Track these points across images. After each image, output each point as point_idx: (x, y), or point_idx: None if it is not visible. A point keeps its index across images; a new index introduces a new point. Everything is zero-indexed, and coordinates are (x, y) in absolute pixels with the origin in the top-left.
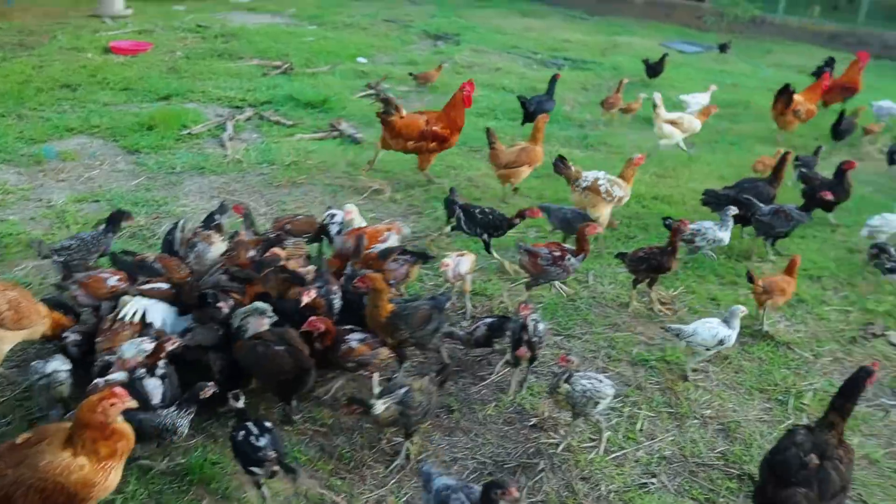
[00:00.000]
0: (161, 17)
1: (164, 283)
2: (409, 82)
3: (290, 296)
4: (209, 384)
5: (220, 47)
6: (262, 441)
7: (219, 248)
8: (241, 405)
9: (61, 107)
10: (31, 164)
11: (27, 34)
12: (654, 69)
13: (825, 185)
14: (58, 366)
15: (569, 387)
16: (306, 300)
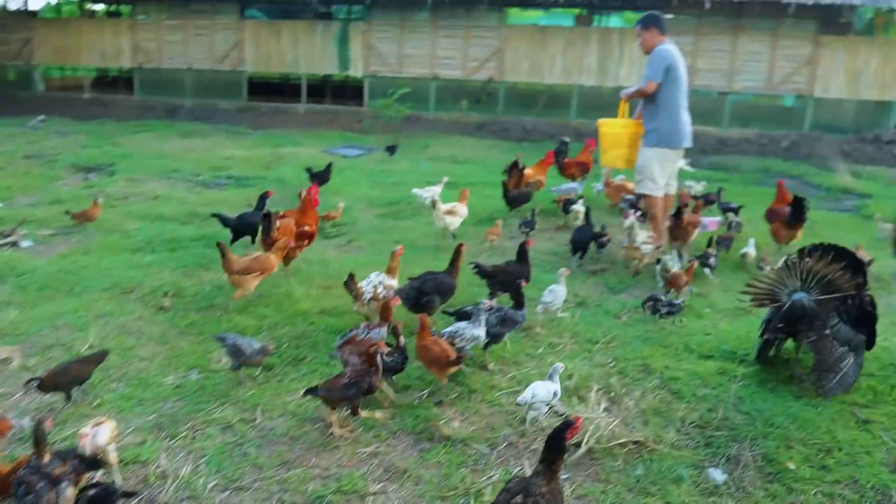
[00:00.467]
0: None
1: None
2: (55, 223)
3: None
4: None
5: None
6: None
7: None
8: None
9: None
10: None
11: None
12: (321, 177)
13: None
14: None
15: None
16: None
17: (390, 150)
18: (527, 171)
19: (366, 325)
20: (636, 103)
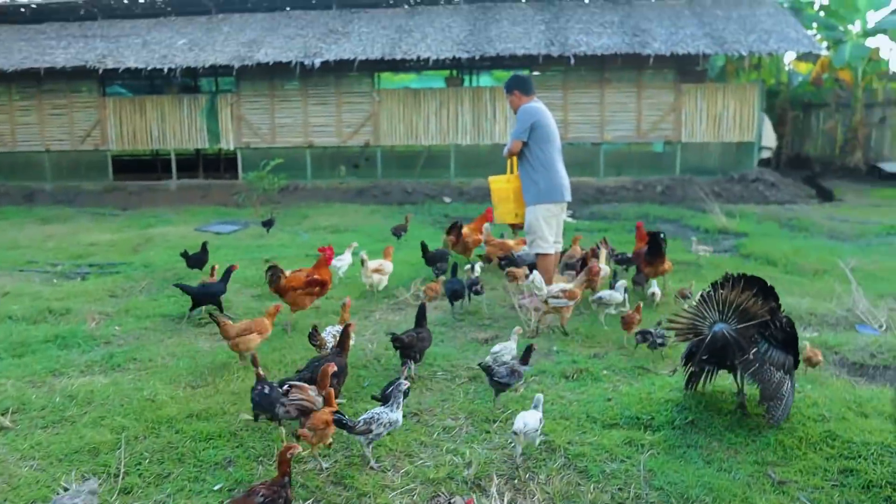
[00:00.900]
0: None
1: None
2: None
3: None
4: None
5: None
6: None
7: None
8: None
9: None
10: None
11: None
12: (197, 260)
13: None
14: None
15: None
16: None
17: (266, 224)
18: (464, 230)
19: None
20: None
